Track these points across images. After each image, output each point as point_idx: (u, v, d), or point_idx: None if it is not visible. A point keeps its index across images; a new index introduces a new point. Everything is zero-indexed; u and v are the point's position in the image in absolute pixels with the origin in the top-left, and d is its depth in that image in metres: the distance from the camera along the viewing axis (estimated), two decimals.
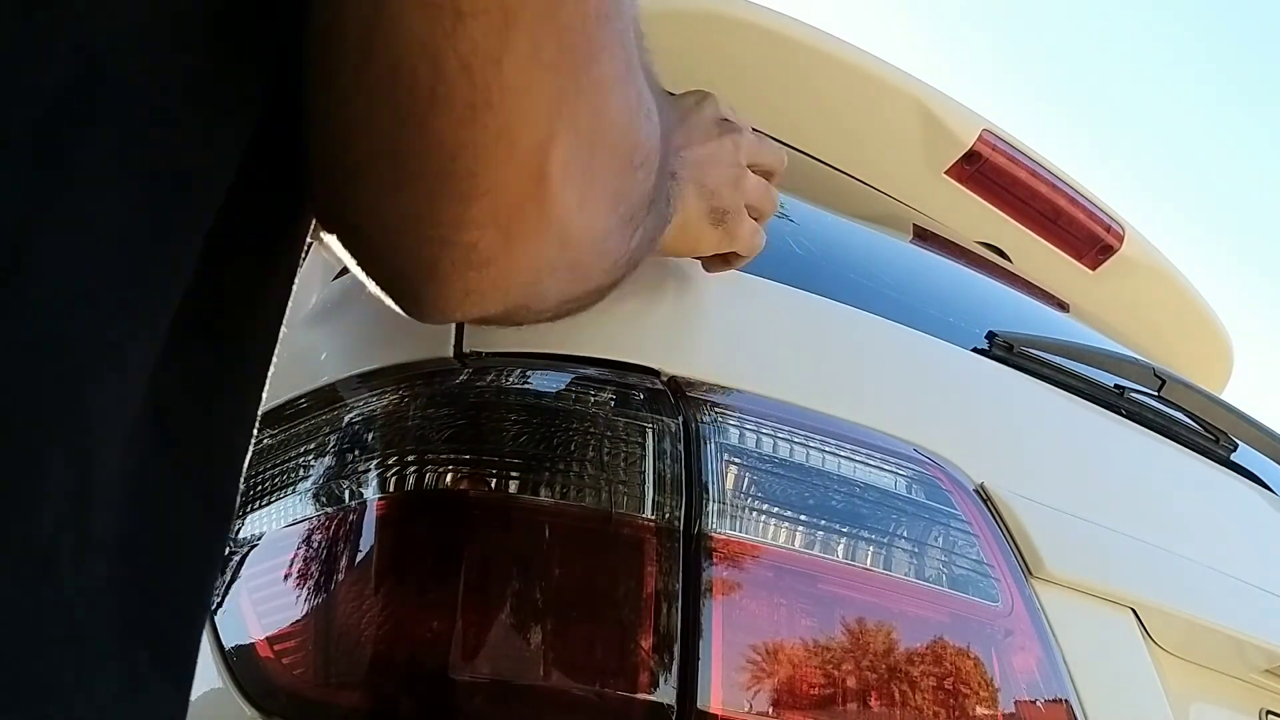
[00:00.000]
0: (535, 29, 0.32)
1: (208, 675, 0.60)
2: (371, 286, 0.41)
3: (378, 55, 0.32)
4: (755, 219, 0.68)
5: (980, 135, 1.31)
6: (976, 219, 1.38)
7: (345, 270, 0.76)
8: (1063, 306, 1.42)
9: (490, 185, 0.34)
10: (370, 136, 0.34)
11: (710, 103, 0.69)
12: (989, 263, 1.36)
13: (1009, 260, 1.44)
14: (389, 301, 0.41)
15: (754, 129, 0.70)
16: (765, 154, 0.69)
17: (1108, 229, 1.43)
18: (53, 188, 0.29)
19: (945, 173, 1.34)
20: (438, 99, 0.32)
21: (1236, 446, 1.03)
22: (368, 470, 0.60)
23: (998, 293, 1.26)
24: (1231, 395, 1.71)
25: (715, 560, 0.58)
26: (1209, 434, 1.01)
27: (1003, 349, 0.87)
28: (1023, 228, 1.40)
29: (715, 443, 0.61)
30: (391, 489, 0.58)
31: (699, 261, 0.74)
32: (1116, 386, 0.95)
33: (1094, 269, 1.46)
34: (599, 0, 0.35)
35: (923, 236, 1.32)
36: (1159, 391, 0.96)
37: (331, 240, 0.39)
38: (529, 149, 0.34)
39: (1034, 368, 0.88)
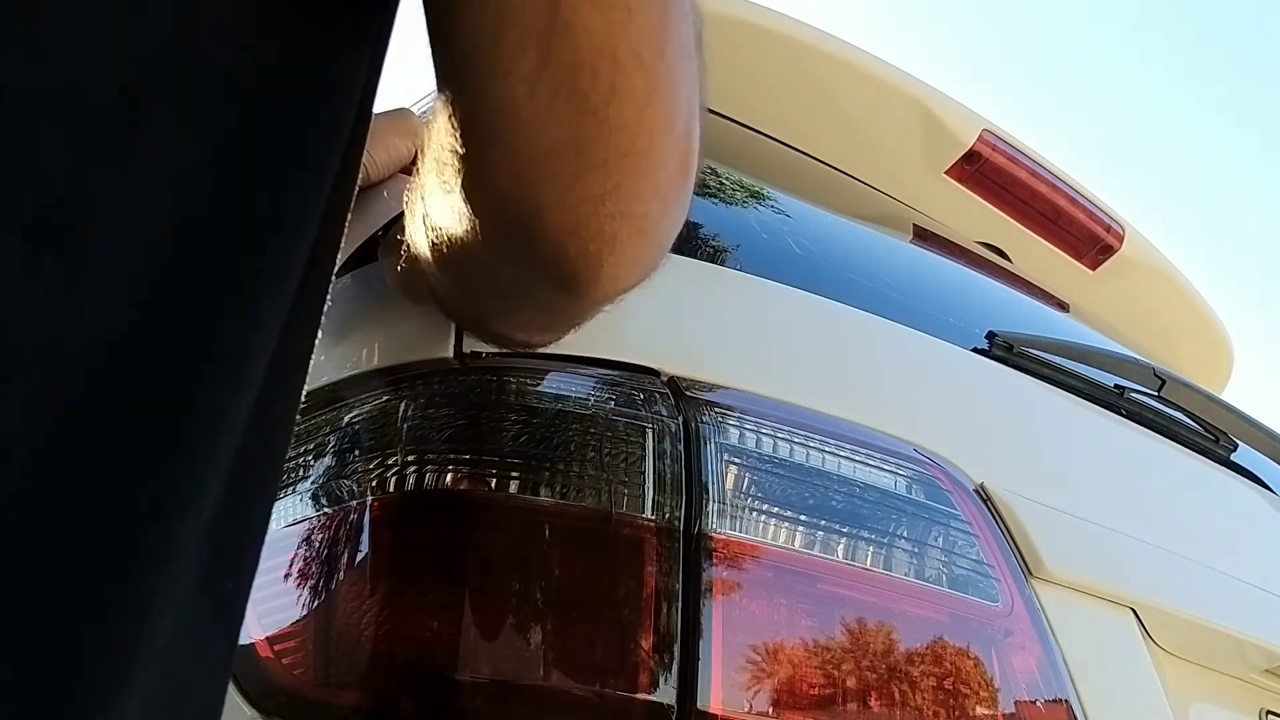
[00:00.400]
0: (679, 19, 0.37)
1: None
2: (538, 270, 0.43)
3: (556, 55, 0.35)
4: None
5: (980, 135, 1.31)
6: (977, 219, 1.38)
7: (343, 271, 0.76)
8: (1063, 306, 1.42)
9: (659, 160, 0.39)
10: (555, 128, 0.37)
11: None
12: (989, 263, 1.36)
13: (1009, 260, 1.44)
14: (555, 291, 0.44)
15: None
16: None
17: (1108, 229, 1.43)
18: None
19: (945, 173, 1.34)
20: (618, 89, 0.36)
21: (1236, 446, 1.03)
22: (368, 470, 0.60)
23: (998, 293, 1.26)
24: (1231, 395, 1.71)
25: (715, 560, 0.58)
26: (1209, 434, 1.01)
27: (1003, 349, 0.86)
28: (1023, 228, 1.40)
29: (715, 443, 0.61)
30: (391, 489, 0.58)
31: (701, 263, 0.75)
32: (1116, 386, 0.95)
33: (1094, 269, 1.46)
34: None
35: (923, 236, 1.32)
36: (1159, 391, 0.96)
37: (501, 233, 0.42)
38: (685, 124, 0.39)
39: (1034, 368, 0.88)
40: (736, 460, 0.61)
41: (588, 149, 0.37)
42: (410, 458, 0.59)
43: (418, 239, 0.51)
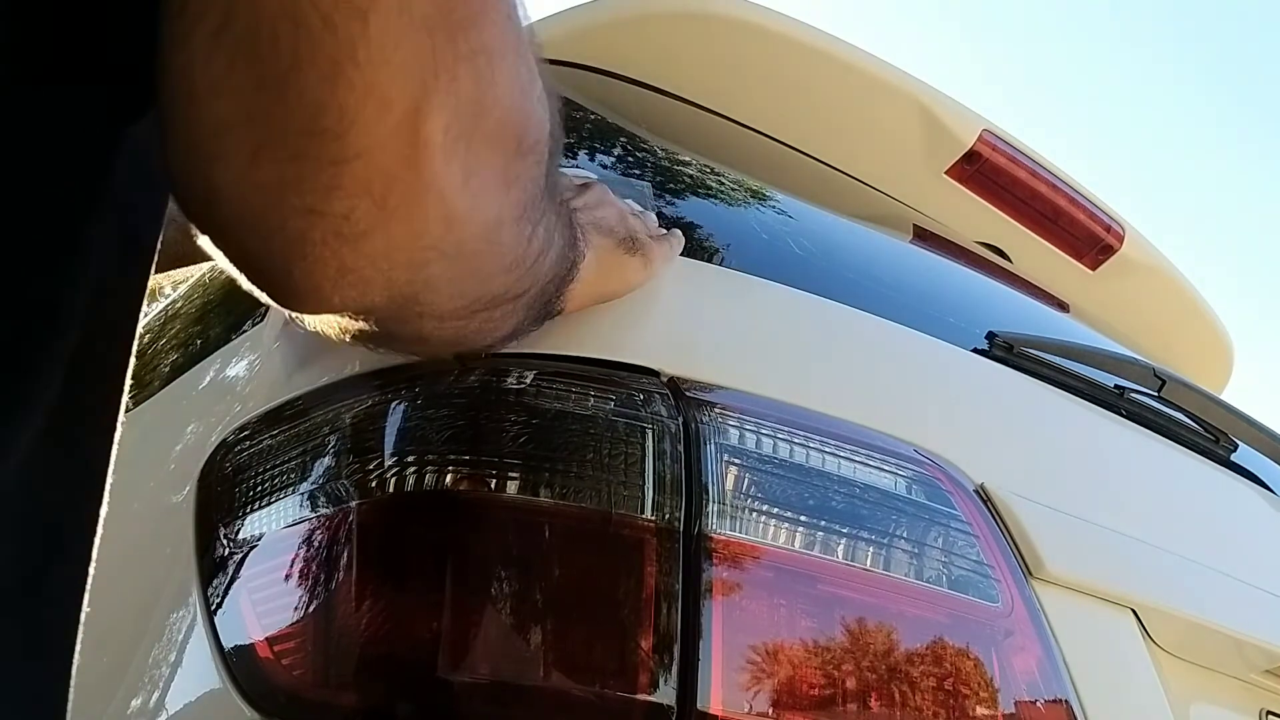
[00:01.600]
0: None
1: (207, 676, 0.60)
2: (239, 276, 0.38)
3: (238, 14, 0.31)
4: None
5: (980, 135, 1.31)
6: (977, 219, 1.38)
7: None
8: (1063, 307, 1.42)
9: (361, 148, 0.33)
10: (229, 99, 0.32)
11: (563, 174, 0.74)
12: (989, 263, 1.36)
13: (1009, 260, 1.44)
14: (260, 294, 0.38)
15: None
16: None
17: (1108, 229, 1.43)
18: None
19: (945, 172, 1.34)
20: (300, 57, 0.31)
21: (1236, 447, 1.03)
22: (366, 471, 0.60)
23: (998, 293, 1.26)
24: (1231, 395, 1.71)
25: (715, 561, 0.58)
26: (1209, 434, 1.01)
27: (1003, 349, 0.86)
28: (1023, 228, 1.40)
29: (715, 443, 0.61)
30: (391, 490, 0.58)
31: (700, 263, 0.75)
32: (1117, 387, 0.95)
33: (1094, 269, 1.46)
34: None
35: (923, 237, 1.32)
36: (1159, 392, 0.96)
37: (192, 228, 0.37)
38: (403, 110, 0.33)
39: (1034, 368, 0.88)
40: (736, 461, 0.61)
41: (263, 124, 0.32)
42: (409, 458, 0.59)
43: None
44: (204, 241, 0.37)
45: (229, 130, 0.33)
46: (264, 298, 0.39)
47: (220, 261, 0.38)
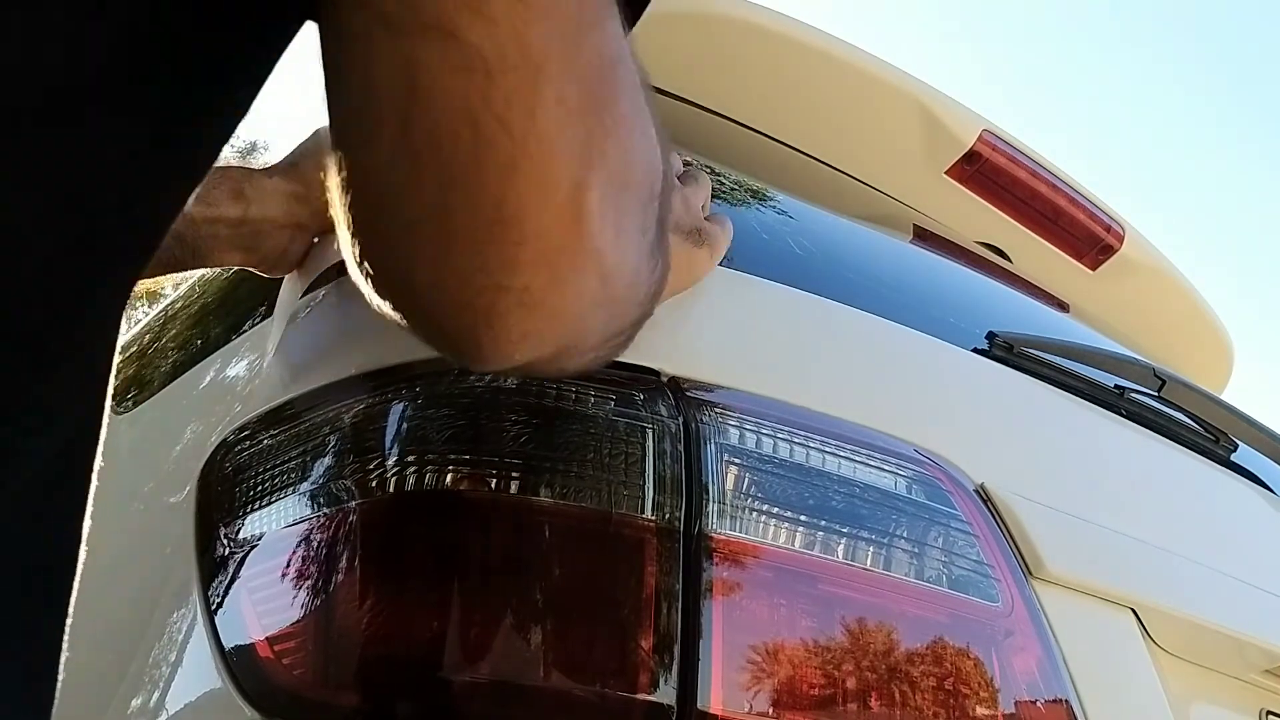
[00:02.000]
0: (559, 78, 0.34)
1: (207, 676, 0.60)
2: (430, 342, 0.42)
3: (416, 123, 0.34)
4: None
5: (980, 135, 1.31)
6: (977, 219, 1.39)
7: (341, 272, 0.75)
8: (1063, 307, 1.42)
9: (536, 229, 0.36)
10: (417, 199, 0.36)
11: None
12: (989, 263, 1.36)
13: (1009, 260, 1.44)
14: (448, 354, 0.43)
15: None
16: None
17: (1108, 229, 1.43)
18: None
19: (946, 172, 1.34)
20: (480, 157, 0.34)
21: (1236, 447, 1.03)
22: (367, 471, 0.60)
23: (998, 293, 1.26)
24: (1231, 395, 1.71)
25: (715, 560, 0.58)
26: (1209, 434, 1.01)
27: (1003, 349, 0.86)
28: (1023, 228, 1.40)
29: (715, 443, 0.61)
30: (391, 489, 0.58)
31: None
32: (1117, 387, 0.95)
33: (1094, 269, 1.46)
34: (611, 46, 0.37)
35: (923, 237, 1.32)
36: (1159, 392, 0.96)
37: (376, 301, 0.41)
38: (568, 191, 0.36)
39: (1034, 368, 0.88)
40: (736, 460, 0.61)
41: (451, 220, 0.36)
42: (409, 458, 0.59)
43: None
44: (386, 311, 0.41)
45: (419, 226, 0.37)
46: (454, 358, 0.43)
47: (405, 327, 0.42)
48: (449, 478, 0.58)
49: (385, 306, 0.41)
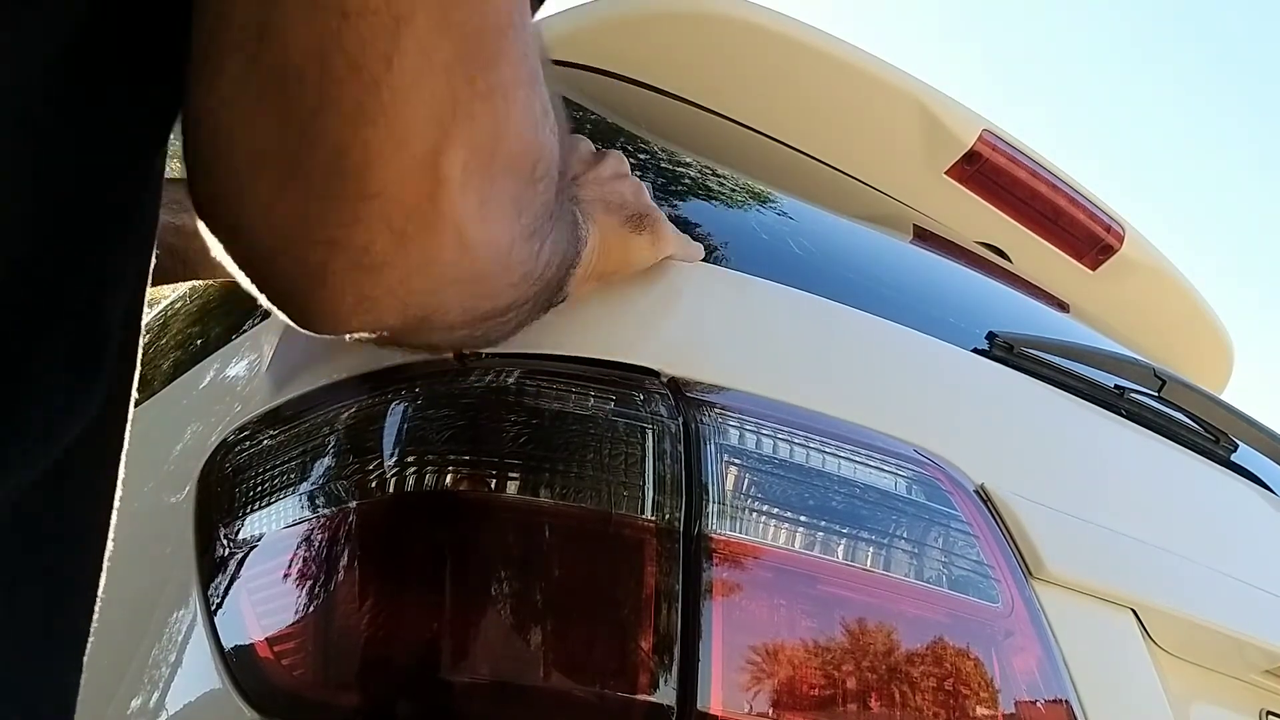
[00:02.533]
0: (426, 30, 0.33)
1: (207, 676, 0.60)
2: (261, 298, 0.39)
3: (262, 57, 0.33)
4: None
5: (980, 135, 1.31)
6: (977, 219, 1.38)
7: None
8: (1063, 307, 1.42)
9: (381, 186, 0.34)
10: (256, 135, 0.34)
11: (582, 139, 0.72)
12: (989, 263, 1.36)
13: (1009, 260, 1.44)
14: (279, 314, 0.40)
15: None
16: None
17: (1108, 229, 1.43)
18: None
19: (946, 173, 1.34)
20: (326, 97, 0.33)
21: (1237, 447, 1.03)
22: (367, 471, 0.60)
23: (997, 293, 1.26)
24: (1231, 395, 1.71)
25: (715, 561, 0.58)
26: (1209, 434, 1.01)
27: (1003, 349, 0.86)
28: (1023, 228, 1.40)
29: (715, 443, 0.61)
30: (391, 490, 0.58)
31: (700, 263, 0.74)
32: (1117, 387, 0.95)
33: (1094, 269, 1.46)
34: (500, 10, 0.36)
35: (923, 237, 1.32)
36: (1159, 392, 0.96)
37: (216, 249, 0.38)
38: (424, 149, 0.34)
39: (1034, 368, 0.88)
40: (736, 461, 0.61)
41: (290, 161, 0.34)
42: (409, 458, 0.59)
43: None
44: (225, 260, 0.38)
45: (257, 164, 0.34)
46: (283, 318, 0.40)
47: (240, 281, 0.39)
48: (448, 478, 0.58)
49: (226, 260, 0.38)
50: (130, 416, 0.40)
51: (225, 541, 0.65)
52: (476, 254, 0.39)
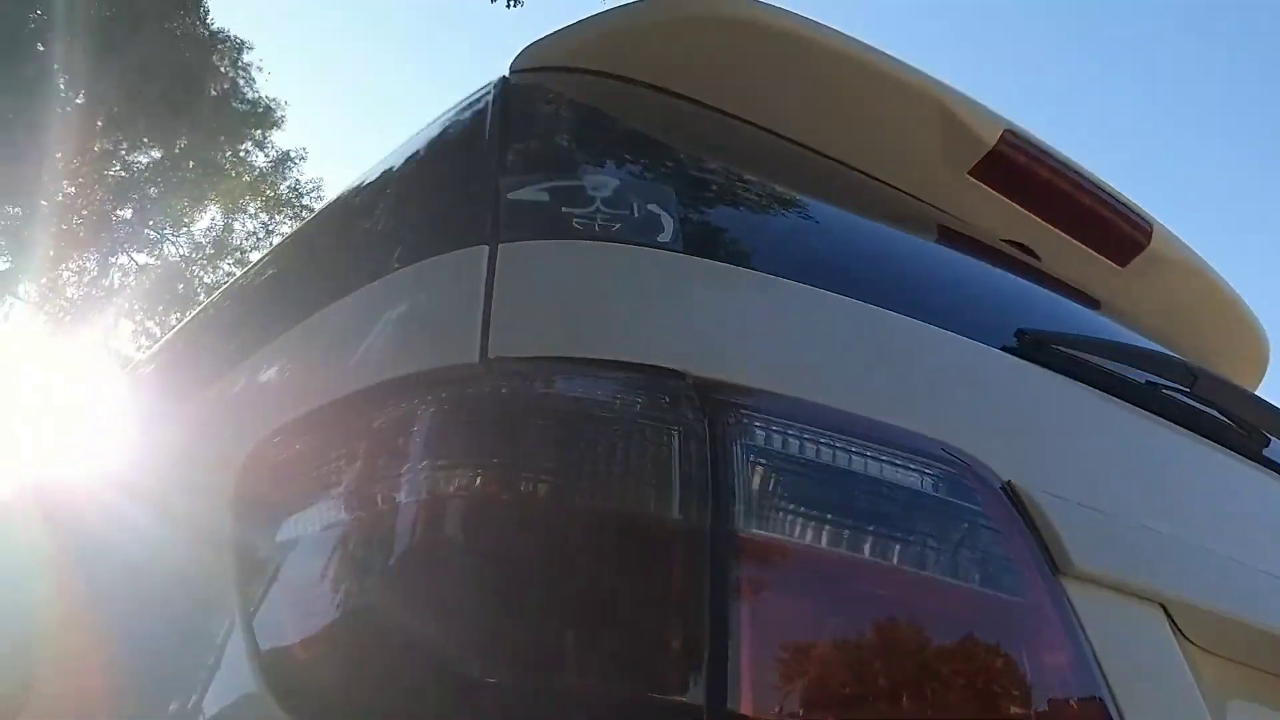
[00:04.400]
0: None
1: (244, 679, 0.61)
2: None
3: None
4: None
5: (1002, 136, 1.30)
6: (1003, 218, 1.38)
7: (368, 281, 0.76)
8: (1094, 303, 1.41)
9: None
10: None
11: None
12: (1016, 261, 1.35)
13: (1038, 259, 1.43)
14: None
15: None
16: None
17: (1135, 225, 1.42)
18: None
19: (969, 173, 1.33)
20: None
21: (1270, 442, 1.02)
22: (397, 476, 0.60)
23: (1026, 290, 1.26)
24: (1268, 390, 1.69)
25: (743, 561, 0.58)
26: (1242, 430, 1.00)
27: (1032, 346, 0.86)
28: (1050, 226, 1.39)
29: (741, 444, 0.62)
30: (424, 495, 0.59)
31: (726, 265, 0.75)
32: (1149, 383, 0.95)
33: (1124, 265, 1.45)
34: None
35: (949, 237, 1.32)
36: (1192, 388, 0.95)
37: None
38: None
39: (1064, 365, 0.88)
40: (762, 461, 0.62)
41: None
42: (440, 463, 0.59)
43: None
44: None
45: None
46: None
47: None
48: (477, 482, 0.58)
49: None
50: None
51: (263, 544, 0.66)
52: None
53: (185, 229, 15.59)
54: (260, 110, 15.18)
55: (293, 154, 15.74)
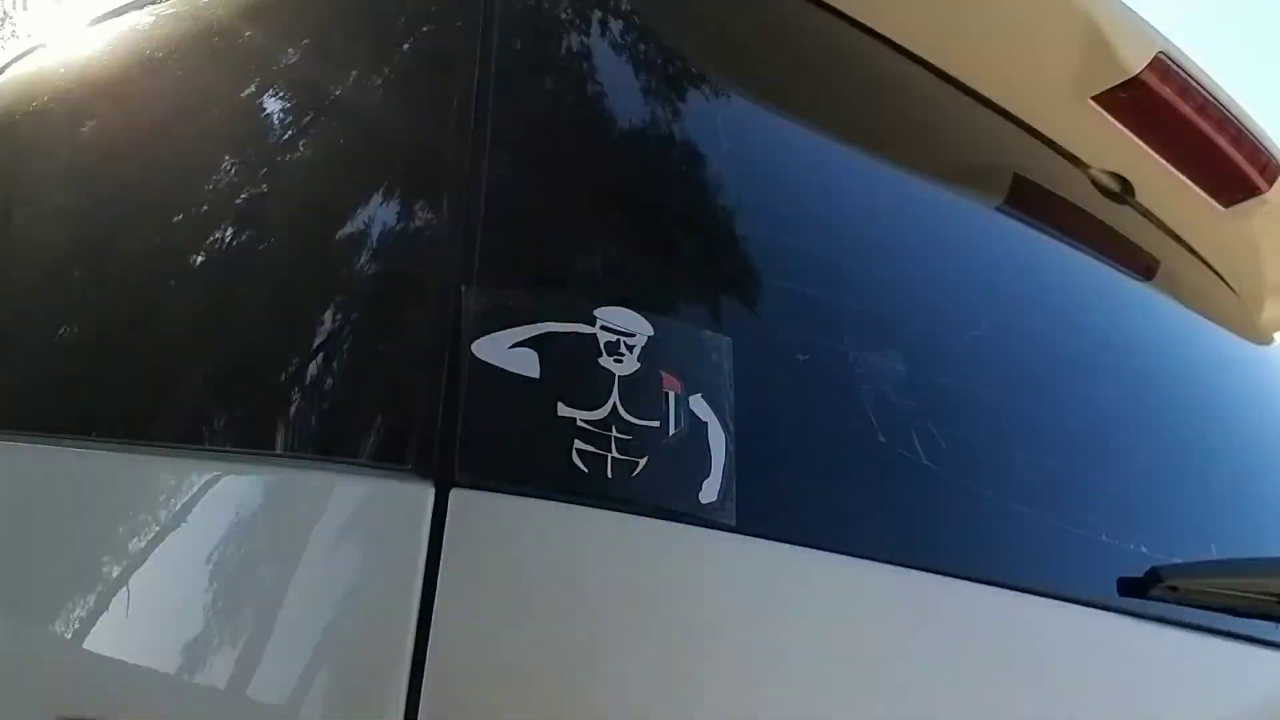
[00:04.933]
0: None
1: None
2: None
3: None
4: None
5: (1152, 60, 0.98)
6: (1109, 147, 1.09)
7: None
8: (1149, 270, 1.16)
9: None
10: None
11: None
12: (1075, 237, 1.08)
13: (1132, 192, 1.16)
14: None
15: None
16: None
17: (1264, 169, 1.14)
18: None
19: (1093, 98, 1.02)
20: None
21: None
22: None
23: (1059, 295, 1.00)
24: None
25: None
26: None
27: (1166, 591, 0.65)
28: (1162, 160, 1.11)
29: None
30: None
31: None
32: None
33: (1227, 206, 1.19)
34: None
35: (1020, 194, 1.04)
36: None
37: None
38: None
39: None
40: None
41: None
42: None
43: None
44: None
45: None
46: None
47: None
48: None
49: None
50: None
51: None
52: None
53: None
54: None
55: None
